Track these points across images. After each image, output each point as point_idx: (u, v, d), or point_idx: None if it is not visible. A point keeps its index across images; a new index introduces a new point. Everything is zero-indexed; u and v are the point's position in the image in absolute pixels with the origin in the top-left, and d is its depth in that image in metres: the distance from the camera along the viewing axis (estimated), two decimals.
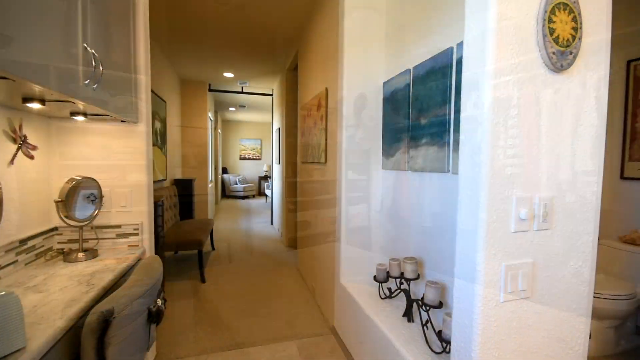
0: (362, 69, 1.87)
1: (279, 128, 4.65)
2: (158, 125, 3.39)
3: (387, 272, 1.58)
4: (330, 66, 2.16)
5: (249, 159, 10.25)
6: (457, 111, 1.27)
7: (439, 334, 1.15)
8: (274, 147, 5.24)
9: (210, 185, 5.65)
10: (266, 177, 9.91)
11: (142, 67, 1.57)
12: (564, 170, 0.88)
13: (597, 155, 0.92)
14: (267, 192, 8.54)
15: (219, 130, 8.19)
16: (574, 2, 0.86)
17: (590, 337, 1.94)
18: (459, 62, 1.16)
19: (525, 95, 0.82)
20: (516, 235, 0.83)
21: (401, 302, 1.61)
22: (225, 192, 9.48)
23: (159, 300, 1.15)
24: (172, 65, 4.14)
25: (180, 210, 4.14)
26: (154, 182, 3.21)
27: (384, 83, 1.88)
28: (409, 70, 1.62)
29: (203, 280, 2.96)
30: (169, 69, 4.06)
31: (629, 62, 2.23)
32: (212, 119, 6.27)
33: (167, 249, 2.87)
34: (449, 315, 1.04)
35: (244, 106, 7.33)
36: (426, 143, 1.48)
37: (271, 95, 5.48)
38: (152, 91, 3.14)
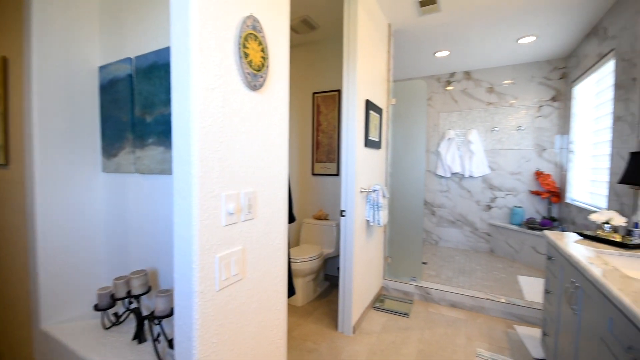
0: (66, 43, 1.44)
1: None
2: None
3: (112, 295, 1.33)
4: (12, 28, 1.50)
5: None
6: None
7: (170, 342, 1.10)
8: None
9: None
10: None
11: None
12: (262, 170, 1.10)
13: (284, 158, 1.22)
14: None
15: None
16: (262, 36, 1.09)
17: (295, 293, 2.61)
18: None
19: (228, 105, 0.94)
20: (227, 228, 0.94)
21: (133, 324, 1.41)
22: None
23: None
24: None
25: None
26: None
27: (101, 67, 1.55)
28: (131, 59, 1.43)
29: None
30: None
31: (314, 94, 3.21)
32: None
33: None
34: None
35: None
36: (153, 143, 1.37)
37: None
38: None
